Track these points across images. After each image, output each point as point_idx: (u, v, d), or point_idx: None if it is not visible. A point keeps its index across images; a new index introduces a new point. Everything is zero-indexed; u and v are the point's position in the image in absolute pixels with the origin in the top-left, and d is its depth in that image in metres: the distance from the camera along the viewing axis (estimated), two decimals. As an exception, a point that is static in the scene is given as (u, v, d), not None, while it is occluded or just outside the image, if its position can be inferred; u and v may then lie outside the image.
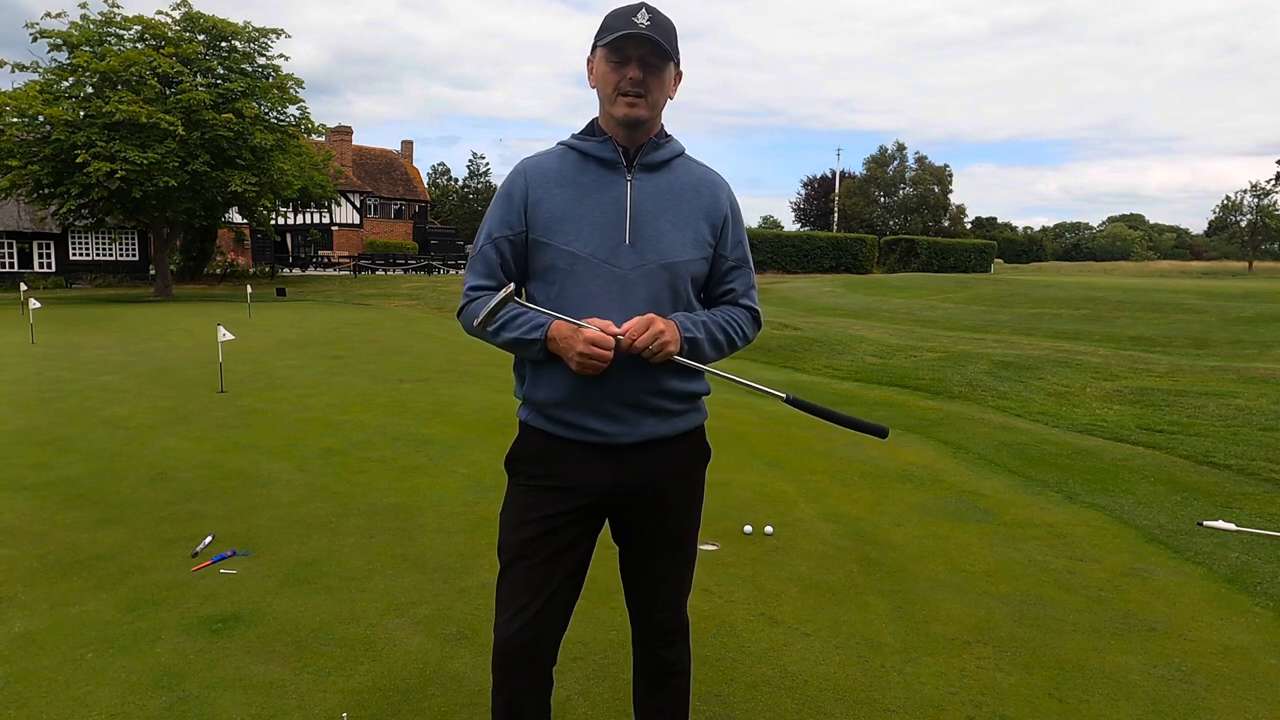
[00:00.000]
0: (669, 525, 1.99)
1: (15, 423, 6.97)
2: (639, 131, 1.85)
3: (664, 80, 1.83)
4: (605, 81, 1.82)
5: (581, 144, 1.89)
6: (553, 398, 1.85)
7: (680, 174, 1.92)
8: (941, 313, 20.71)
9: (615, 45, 1.78)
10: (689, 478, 2.00)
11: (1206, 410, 7.68)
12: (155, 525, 4.40)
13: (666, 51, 1.78)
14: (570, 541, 1.89)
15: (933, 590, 3.70)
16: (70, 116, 23.67)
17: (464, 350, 12.47)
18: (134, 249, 36.52)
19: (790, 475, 5.53)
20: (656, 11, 1.79)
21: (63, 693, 2.76)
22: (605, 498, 1.90)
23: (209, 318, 17.22)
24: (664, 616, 2.05)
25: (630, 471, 1.88)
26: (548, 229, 1.84)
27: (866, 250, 46.80)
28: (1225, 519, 4.60)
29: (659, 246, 1.84)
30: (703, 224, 1.90)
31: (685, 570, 2.07)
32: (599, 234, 1.83)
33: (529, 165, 1.91)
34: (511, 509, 1.94)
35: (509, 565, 1.89)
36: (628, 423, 1.84)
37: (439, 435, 6.64)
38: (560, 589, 1.88)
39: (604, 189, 1.85)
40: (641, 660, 2.14)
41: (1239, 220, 77.73)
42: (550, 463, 1.89)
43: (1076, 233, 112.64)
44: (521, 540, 1.88)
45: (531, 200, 1.86)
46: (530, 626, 1.84)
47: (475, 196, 75.05)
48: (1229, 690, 2.88)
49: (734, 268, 1.97)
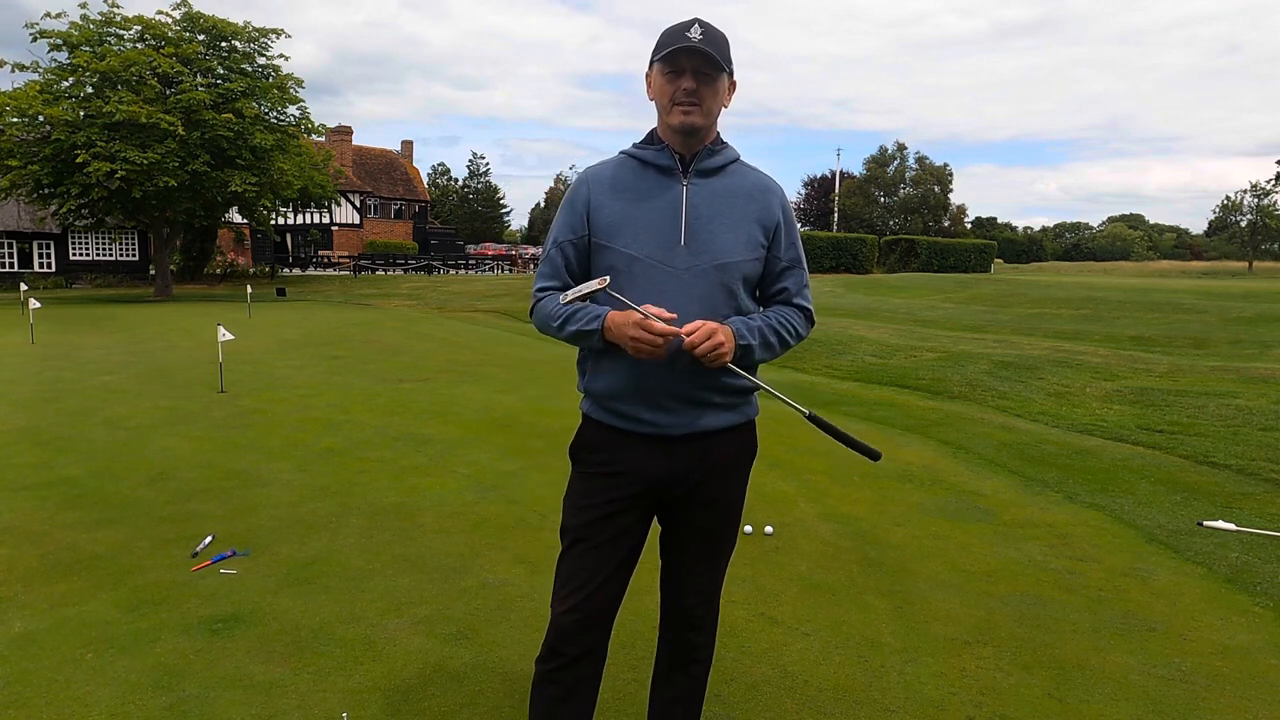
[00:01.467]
0: (711, 513, 2.07)
1: (15, 423, 6.98)
2: (695, 139, 1.95)
3: (718, 90, 1.92)
4: (662, 93, 1.93)
5: (640, 152, 2.00)
6: (610, 389, 1.97)
7: (735, 179, 2.01)
8: (941, 313, 20.71)
9: (670, 58, 1.88)
10: (735, 470, 2.09)
11: (1206, 410, 7.68)
12: (155, 525, 4.40)
13: (719, 62, 1.87)
14: (626, 526, 2.01)
15: (933, 590, 3.71)
16: (70, 116, 23.67)
17: (464, 350, 12.48)
18: (134, 249, 36.52)
19: (790, 475, 5.53)
20: (709, 26, 1.89)
21: (63, 693, 2.76)
22: (657, 485, 2.00)
23: (209, 318, 17.22)
24: (695, 601, 2.14)
25: (680, 461, 1.98)
26: (608, 233, 1.95)
27: (866, 250, 46.78)
28: (1225, 519, 4.61)
29: (712, 248, 1.94)
30: (755, 227, 1.99)
31: (720, 560, 2.16)
32: (655, 236, 1.93)
33: (591, 174, 2.03)
34: (573, 495, 2.06)
35: (570, 547, 2.02)
36: (679, 415, 1.95)
37: (439, 435, 6.64)
38: (617, 570, 2.01)
39: (661, 194, 1.96)
40: (667, 643, 2.22)
41: (1239, 220, 77.74)
42: (608, 451, 2.01)
43: (1076, 233, 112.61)
44: (582, 524, 2.01)
45: (593, 206, 1.97)
46: (588, 603, 1.97)
47: (475, 197, 75.02)
48: (1229, 690, 2.88)
49: (787, 268, 2.06)
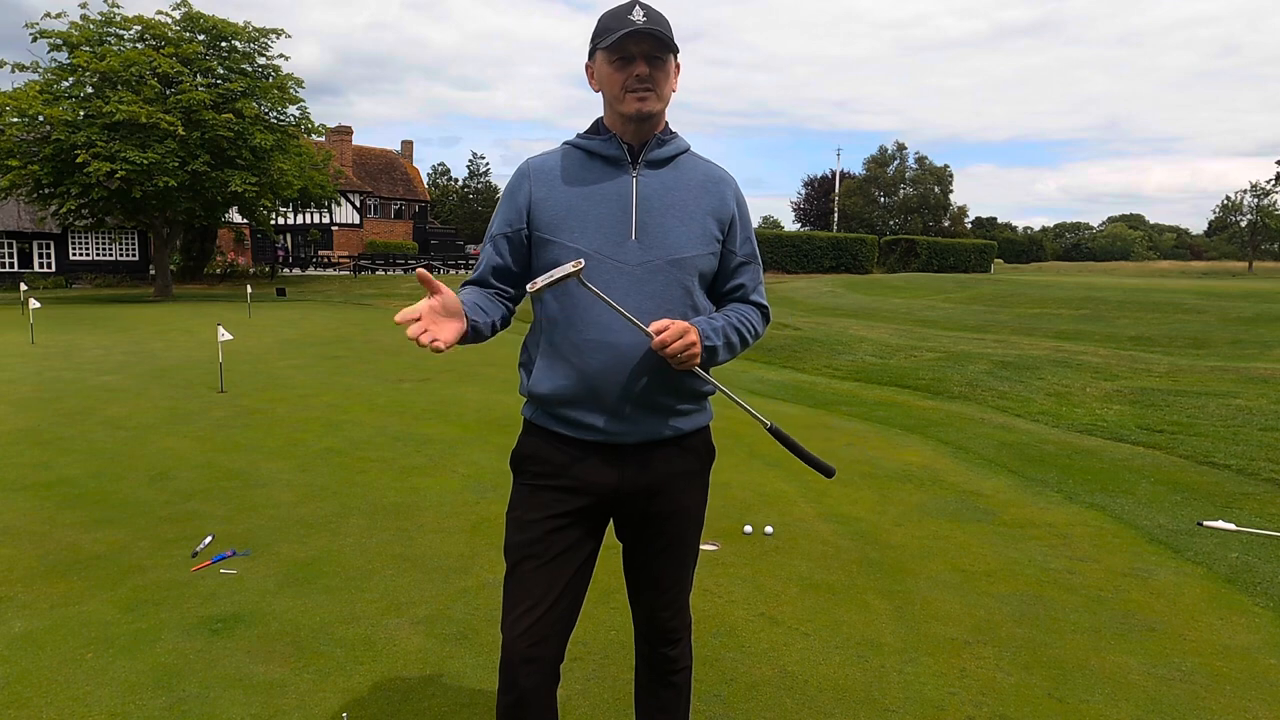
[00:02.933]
0: (672, 525, 1.97)
1: (15, 423, 6.97)
2: (647, 126, 1.85)
3: (668, 72, 1.83)
4: (611, 82, 1.82)
5: (586, 143, 1.89)
6: (556, 392, 1.84)
7: (686, 170, 1.91)
8: (941, 313, 20.70)
9: (617, 45, 1.78)
10: (693, 478, 1.98)
11: (1206, 410, 7.68)
12: (155, 525, 4.40)
13: (667, 44, 1.79)
14: (576, 541, 1.88)
15: (933, 590, 3.70)
16: (70, 116, 23.65)
17: (463, 350, 12.43)
18: (134, 249, 36.52)
19: (790, 475, 5.53)
20: (649, 7, 1.80)
21: (63, 693, 2.76)
22: (609, 497, 1.88)
23: (209, 318, 17.22)
24: (667, 615, 2.04)
25: (633, 471, 1.87)
26: (552, 227, 1.84)
27: (866, 250, 46.77)
28: (1225, 519, 4.63)
29: (665, 242, 1.84)
30: (709, 220, 1.89)
31: (687, 570, 2.07)
32: (604, 230, 1.82)
33: (533, 165, 1.91)
34: (517, 508, 1.92)
35: (516, 565, 1.88)
36: (631, 421, 1.83)
37: (439, 435, 6.64)
38: (568, 588, 1.87)
39: (609, 186, 1.85)
40: (645, 658, 2.13)
41: (1239, 220, 77.78)
42: (554, 462, 1.87)
43: (1076, 233, 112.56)
44: (527, 540, 1.86)
45: (535, 199, 1.86)
46: (538, 626, 1.83)
47: (475, 196, 75.07)
48: (1229, 690, 2.88)
49: (743, 264, 1.97)
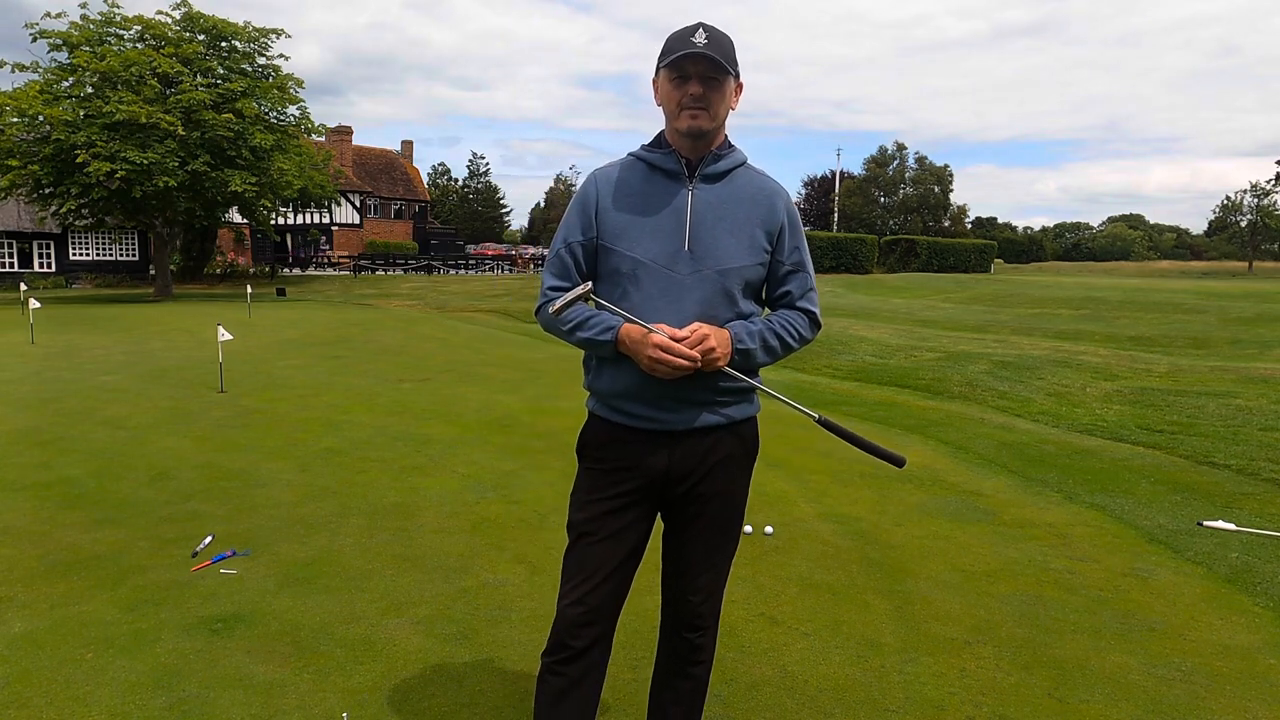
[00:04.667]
0: (713, 506, 2.07)
1: (15, 423, 6.97)
2: (702, 143, 1.96)
3: (724, 93, 1.93)
4: (669, 98, 1.94)
5: (648, 155, 2.01)
6: (614, 389, 1.99)
7: (740, 183, 2.01)
8: (941, 313, 20.71)
9: (676, 64, 1.89)
10: (737, 465, 2.09)
11: (1206, 410, 7.68)
12: (155, 525, 4.40)
13: (724, 66, 1.87)
14: (630, 521, 2.02)
15: (933, 590, 3.71)
16: (70, 116, 23.67)
17: (464, 350, 12.48)
18: (134, 249, 36.54)
19: (790, 475, 5.53)
20: (714, 30, 1.89)
21: (63, 693, 2.76)
22: (660, 480, 2.01)
23: (209, 318, 17.22)
24: (698, 600, 2.13)
25: (682, 455, 2.00)
26: (614, 235, 1.97)
27: (866, 250, 46.77)
28: (1225, 519, 4.62)
29: (715, 253, 1.95)
30: (759, 231, 2.00)
31: (722, 556, 2.15)
32: (660, 241, 1.94)
33: (600, 175, 2.04)
34: (579, 490, 2.08)
35: (576, 541, 2.04)
36: (682, 412, 1.97)
37: (439, 435, 6.64)
38: (622, 564, 2.02)
39: (666, 198, 1.97)
40: (669, 642, 2.20)
41: (1239, 220, 77.78)
42: (612, 447, 2.02)
43: (1076, 233, 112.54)
44: (587, 518, 2.02)
45: (601, 207, 1.99)
46: (591, 596, 1.98)
47: (475, 197, 75.12)
48: (1229, 690, 2.88)
49: (791, 272, 2.06)
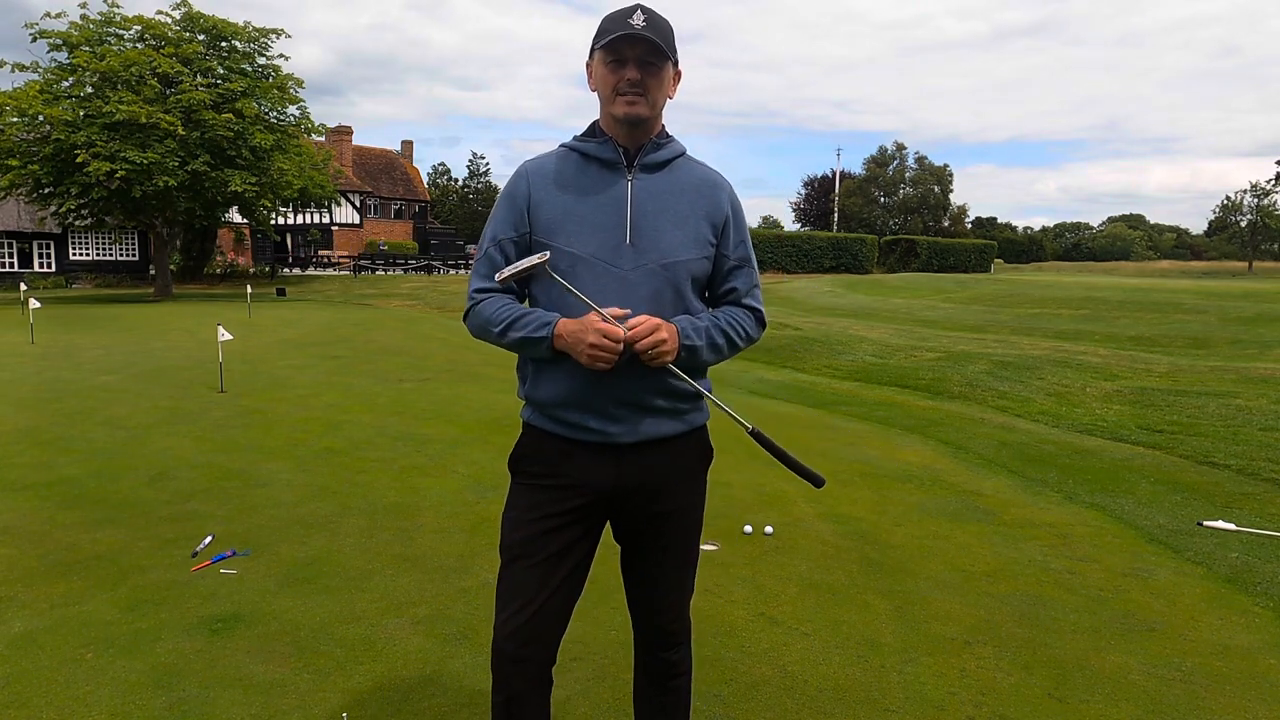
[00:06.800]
0: (670, 526, 1.96)
1: (15, 423, 6.97)
2: (640, 130, 1.85)
3: (662, 79, 1.83)
4: (604, 83, 1.82)
5: (582, 145, 1.89)
6: (554, 398, 1.85)
7: (681, 174, 1.91)
8: (941, 313, 20.71)
9: (612, 46, 1.78)
10: (690, 478, 1.98)
11: (1206, 410, 7.68)
12: (155, 525, 4.40)
13: (663, 51, 1.78)
14: (571, 541, 1.87)
15: (933, 590, 3.70)
16: (70, 116, 23.67)
17: (464, 350, 12.47)
18: (134, 249, 36.53)
19: (790, 475, 5.50)
20: (652, 12, 1.79)
21: (63, 693, 2.76)
22: (606, 497, 1.88)
23: (209, 318, 17.22)
24: (667, 619, 2.03)
25: (630, 471, 1.87)
26: (549, 230, 1.84)
27: (866, 250, 46.81)
28: (1225, 519, 4.62)
29: (659, 246, 1.84)
30: (703, 223, 1.89)
31: (687, 572, 2.05)
32: (599, 235, 1.82)
33: (531, 167, 1.91)
34: (513, 508, 1.93)
35: (509, 564, 1.88)
36: (628, 422, 1.84)
37: (439, 435, 6.64)
38: (560, 588, 1.87)
39: (605, 190, 1.85)
40: (644, 662, 2.12)
41: (1239, 220, 77.81)
42: (551, 462, 1.88)
43: (1076, 233, 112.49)
44: (521, 539, 1.87)
45: (534, 202, 1.86)
46: (529, 625, 1.83)
47: (475, 196, 75.10)
48: (1229, 690, 2.88)
49: (736, 267, 1.95)
